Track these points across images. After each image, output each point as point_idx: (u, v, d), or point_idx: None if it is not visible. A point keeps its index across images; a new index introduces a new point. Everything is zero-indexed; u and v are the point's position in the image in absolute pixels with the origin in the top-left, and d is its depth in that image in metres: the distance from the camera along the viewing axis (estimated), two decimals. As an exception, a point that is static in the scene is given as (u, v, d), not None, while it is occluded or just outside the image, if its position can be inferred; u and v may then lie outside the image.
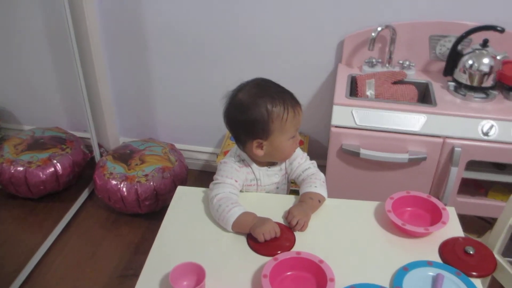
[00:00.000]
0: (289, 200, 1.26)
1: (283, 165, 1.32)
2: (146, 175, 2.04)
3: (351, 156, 1.69)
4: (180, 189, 1.33)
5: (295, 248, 1.10)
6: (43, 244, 1.95)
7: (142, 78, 2.30)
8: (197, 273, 1.00)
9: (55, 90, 2.42)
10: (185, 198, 1.29)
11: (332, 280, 0.98)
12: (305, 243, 1.12)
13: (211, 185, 1.25)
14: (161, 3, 2.07)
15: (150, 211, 2.10)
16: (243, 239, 1.13)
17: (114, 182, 2.02)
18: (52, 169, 2.13)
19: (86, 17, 2.07)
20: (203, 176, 2.46)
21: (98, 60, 2.21)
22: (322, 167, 1.52)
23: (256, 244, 1.10)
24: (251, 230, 1.11)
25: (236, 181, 1.23)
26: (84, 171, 2.30)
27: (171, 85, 2.29)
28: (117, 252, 1.96)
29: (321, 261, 1.02)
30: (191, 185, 2.27)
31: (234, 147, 1.32)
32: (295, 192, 1.36)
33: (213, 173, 1.32)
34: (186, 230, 1.17)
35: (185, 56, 2.19)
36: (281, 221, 1.18)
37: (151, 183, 2.03)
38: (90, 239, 2.04)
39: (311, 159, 1.37)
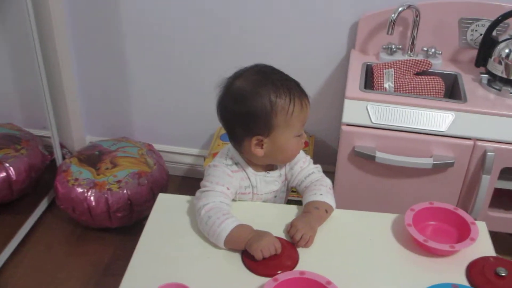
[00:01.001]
0: (291, 211, 1.31)
1: (283, 170, 1.37)
2: (118, 182, 2.09)
3: (365, 160, 1.75)
4: (161, 197, 1.38)
5: (299, 267, 1.15)
6: (-7, 263, 1.99)
7: (114, 66, 2.35)
8: (183, 296, 1.05)
9: (7, 78, 2.45)
10: (168, 208, 1.34)
11: (342, 304, 1.03)
12: (310, 261, 1.17)
13: (197, 193, 1.29)
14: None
15: (123, 225, 2.14)
16: (237, 257, 1.18)
17: (79, 189, 2.06)
18: (4, 174, 2.17)
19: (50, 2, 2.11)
20: (187, 183, 2.50)
21: (62, 45, 2.25)
22: (330, 174, 1.58)
23: (253, 263, 1.14)
24: (247, 246, 1.16)
25: (228, 188, 1.28)
26: (42, 177, 2.34)
27: (148, 75, 2.34)
28: (84, 274, 2.01)
29: (329, 283, 1.07)
30: (174, 194, 2.32)
31: (225, 148, 1.37)
32: (294, 202, 1.41)
33: (199, 179, 1.36)
34: (169, 245, 1.22)
35: (166, 43, 2.24)
36: (282, 235, 1.23)
37: (125, 191, 2.07)
38: (51, 258, 2.08)
39: (316, 162, 1.42)
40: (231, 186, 1.29)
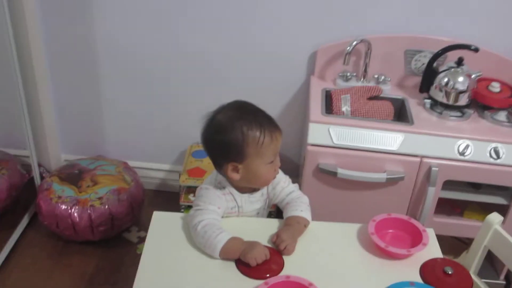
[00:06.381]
0: (273, 224, 1.51)
1: (265, 190, 1.57)
2: (100, 198, 2.23)
3: (328, 176, 1.97)
4: (156, 215, 1.54)
5: (284, 272, 1.35)
6: (-19, 279, 2.08)
7: (88, 88, 2.48)
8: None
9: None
10: (164, 224, 1.51)
11: (323, 302, 1.24)
12: (293, 266, 1.37)
13: (192, 211, 1.47)
14: (110, 14, 2.27)
15: (104, 238, 2.28)
16: (231, 265, 1.37)
17: (63, 206, 2.19)
18: (-14, 193, 2.26)
19: (27, 23, 2.22)
20: (159, 197, 2.65)
21: (39, 66, 2.36)
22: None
23: (247, 269, 1.33)
24: (241, 256, 1.35)
25: (218, 207, 1.47)
26: (21, 195, 2.44)
27: (122, 94, 2.49)
28: (70, 285, 2.13)
29: (311, 284, 1.27)
30: (148, 207, 2.46)
31: (213, 172, 1.56)
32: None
33: (171, 192, 1.50)
34: (170, 259, 1.38)
35: (137, 69, 2.40)
36: (268, 245, 1.42)
37: (106, 206, 2.22)
38: (37, 271, 2.19)
39: (281, 177, 1.64)
40: (221, 205, 1.48)
